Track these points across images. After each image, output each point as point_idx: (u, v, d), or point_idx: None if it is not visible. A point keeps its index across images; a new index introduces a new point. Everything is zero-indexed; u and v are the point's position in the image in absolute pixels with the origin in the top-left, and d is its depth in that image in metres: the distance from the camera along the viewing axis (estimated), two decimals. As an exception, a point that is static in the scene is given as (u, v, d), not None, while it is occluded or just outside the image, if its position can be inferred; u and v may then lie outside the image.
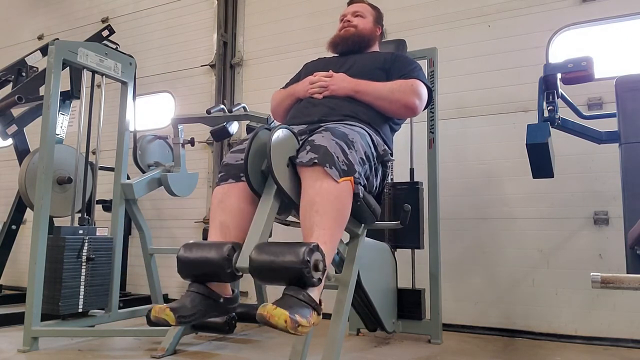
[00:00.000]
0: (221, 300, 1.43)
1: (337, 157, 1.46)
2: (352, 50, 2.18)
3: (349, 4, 2.33)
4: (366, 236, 1.99)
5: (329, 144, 1.48)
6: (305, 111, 1.92)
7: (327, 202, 1.42)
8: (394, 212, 2.68)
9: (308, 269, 1.22)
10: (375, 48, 2.27)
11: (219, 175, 1.64)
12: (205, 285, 1.41)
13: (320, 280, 1.28)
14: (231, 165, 1.62)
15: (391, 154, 1.95)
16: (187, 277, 1.42)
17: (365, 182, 1.66)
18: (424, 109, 2.03)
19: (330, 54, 2.29)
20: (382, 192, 1.98)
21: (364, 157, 1.62)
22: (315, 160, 1.44)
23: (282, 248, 1.27)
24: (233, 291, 1.52)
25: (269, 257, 1.27)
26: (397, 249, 2.72)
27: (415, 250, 2.77)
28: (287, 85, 2.20)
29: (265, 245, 1.33)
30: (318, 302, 1.30)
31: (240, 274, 1.37)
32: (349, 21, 2.22)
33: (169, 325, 1.30)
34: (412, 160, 2.84)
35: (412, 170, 2.81)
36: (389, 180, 2.77)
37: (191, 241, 1.44)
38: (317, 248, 1.27)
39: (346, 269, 1.88)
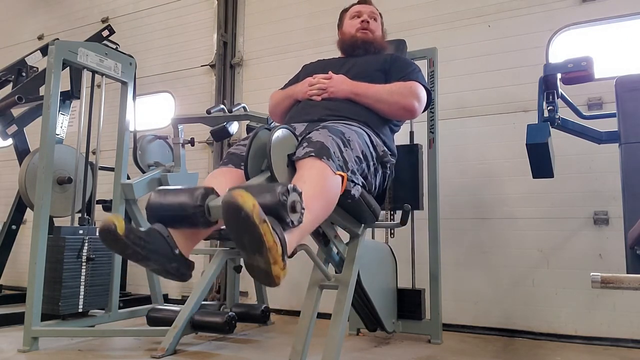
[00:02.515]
0: (177, 251, 1.27)
1: (334, 152, 1.46)
2: (361, 54, 2.18)
3: (361, 2, 2.31)
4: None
5: (325, 140, 1.48)
6: (304, 112, 1.92)
7: (316, 177, 1.39)
8: (396, 177, 2.65)
9: (285, 208, 1.15)
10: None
11: (222, 161, 1.66)
12: (168, 230, 1.28)
13: (295, 223, 1.19)
14: (235, 154, 1.63)
15: (393, 155, 1.95)
16: (155, 220, 1.30)
17: (364, 182, 1.66)
18: (423, 111, 2.03)
19: (329, 55, 2.29)
20: (385, 193, 1.98)
21: (361, 156, 1.62)
22: (312, 154, 1.43)
23: (258, 187, 1.21)
24: (191, 262, 1.36)
25: None
26: (396, 211, 2.67)
27: (415, 250, 2.77)
28: (285, 86, 2.20)
29: (243, 185, 1.27)
30: (290, 249, 1.20)
31: (213, 218, 1.27)
32: (367, 22, 2.21)
33: (114, 233, 1.15)
34: (412, 125, 2.81)
35: (411, 133, 2.80)
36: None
37: (163, 187, 1.35)
38: (294, 189, 1.19)
39: (346, 269, 1.88)
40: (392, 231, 2.76)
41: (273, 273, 1.10)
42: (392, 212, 2.70)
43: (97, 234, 1.21)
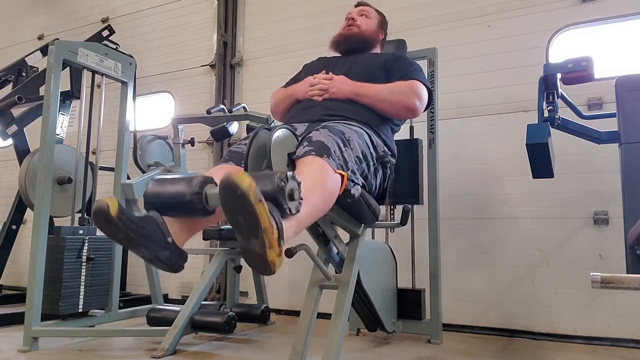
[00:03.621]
0: (169, 239, 1.24)
1: (334, 151, 1.46)
2: (354, 49, 2.18)
3: (357, 5, 2.33)
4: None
5: (325, 139, 1.48)
6: (304, 112, 1.92)
7: (316, 172, 1.39)
8: (395, 170, 2.64)
9: (282, 195, 1.15)
10: (377, 50, 2.27)
11: (223, 159, 1.66)
12: (163, 218, 1.26)
13: (293, 211, 1.18)
14: (236, 152, 1.63)
15: (393, 155, 1.95)
16: (151, 206, 1.28)
17: (364, 182, 1.66)
18: (424, 110, 2.03)
19: (331, 54, 2.29)
20: (385, 193, 1.98)
21: (360, 156, 1.61)
22: (312, 152, 1.43)
23: (257, 174, 1.19)
24: (183, 253, 1.32)
25: None
26: (397, 206, 2.67)
27: (415, 250, 2.77)
28: (287, 85, 2.20)
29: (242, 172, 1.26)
30: (285, 236, 1.16)
31: (211, 207, 1.24)
32: (353, 19, 2.23)
33: (106, 214, 1.14)
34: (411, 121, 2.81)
35: (411, 128, 2.79)
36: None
37: (161, 176, 1.34)
38: (293, 177, 1.19)
39: (346, 269, 1.88)
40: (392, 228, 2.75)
41: (268, 258, 1.09)
42: (392, 207, 2.70)
43: (91, 214, 1.19)
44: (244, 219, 1.06)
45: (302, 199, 1.22)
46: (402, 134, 2.72)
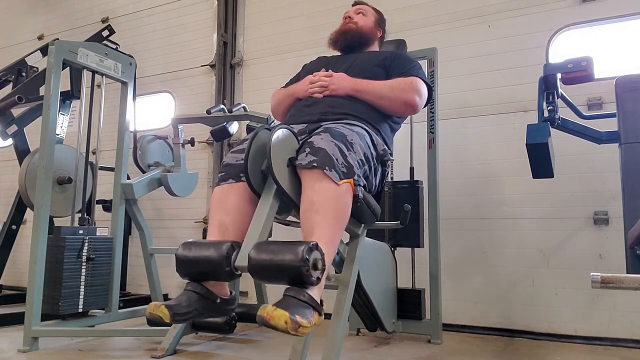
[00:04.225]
0: (218, 300, 1.42)
1: (337, 160, 1.46)
2: (351, 46, 2.19)
3: (353, 5, 2.34)
4: (366, 236, 1.99)
5: (328, 146, 1.48)
6: (305, 110, 1.92)
7: (327, 202, 1.42)
8: (394, 211, 2.68)
9: (307, 268, 1.22)
10: (375, 48, 2.27)
11: (219, 175, 1.64)
12: (203, 285, 1.40)
13: (319, 279, 1.27)
14: (231, 165, 1.62)
15: (391, 154, 1.95)
16: (185, 276, 1.41)
17: (365, 182, 1.66)
18: (424, 106, 2.04)
19: (330, 54, 2.29)
20: (382, 191, 1.98)
21: (363, 159, 1.62)
22: (315, 164, 1.43)
23: (281, 247, 1.27)
24: (231, 292, 1.52)
25: (267, 256, 1.26)
26: (397, 248, 2.72)
27: (415, 250, 2.77)
28: (287, 85, 2.20)
29: (265, 244, 1.32)
30: (319, 302, 1.29)
31: (239, 273, 1.36)
32: (350, 17, 2.24)
33: (164, 322, 1.30)
34: (412, 160, 2.84)
35: (412, 169, 2.81)
36: (389, 179, 2.78)
37: (190, 240, 1.44)
38: (316, 247, 1.26)
39: (346, 269, 1.88)
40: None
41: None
42: (393, 249, 2.70)
43: (148, 322, 1.38)
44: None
45: (324, 267, 1.30)
46: (403, 174, 2.75)
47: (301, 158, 1.47)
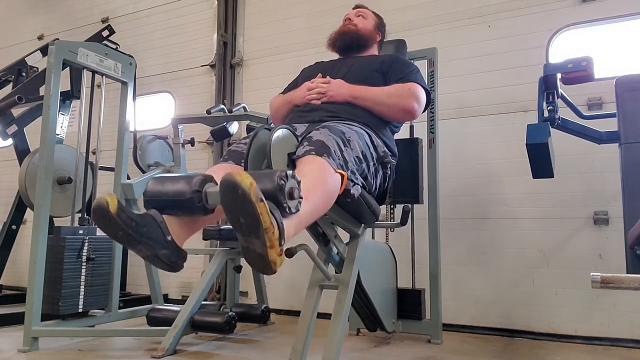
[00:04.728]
0: (168, 238, 1.24)
1: (334, 151, 1.47)
2: (350, 47, 2.18)
3: (354, 8, 2.35)
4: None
5: (325, 139, 1.48)
6: (304, 115, 1.92)
7: (317, 173, 1.39)
8: (396, 171, 2.64)
9: (282, 194, 1.15)
10: (374, 51, 2.27)
11: (221, 158, 1.66)
12: (162, 216, 1.26)
13: (293, 209, 1.19)
14: (236, 151, 1.63)
15: (393, 155, 1.95)
16: (152, 206, 1.27)
17: (364, 182, 1.66)
18: (423, 111, 2.03)
19: (328, 58, 2.29)
20: (386, 194, 1.98)
21: (360, 156, 1.62)
22: (312, 152, 1.43)
23: (257, 173, 1.20)
24: (184, 252, 1.31)
25: None
26: (397, 205, 2.68)
27: (415, 250, 2.77)
28: (285, 90, 2.20)
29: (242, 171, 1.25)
30: (288, 237, 1.18)
31: (210, 206, 1.25)
32: (350, 19, 2.25)
33: (106, 210, 1.15)
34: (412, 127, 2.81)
35: (411, 127, 2.79)
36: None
37: (162, 174, 1.35)
38: (292, 175, 1.19)
39: (346, 269, 1.88)
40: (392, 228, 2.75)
41: (269, 257, 1.09)
42: (392, 207, 2.70)
43: (91, 211, 1.20)
44: (245, 218, 1.06)
45: (302, 197, 1.22)
46: (402, 133, 2.72)
47: (299, 151, 1.48)
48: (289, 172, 1.19)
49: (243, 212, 1.06)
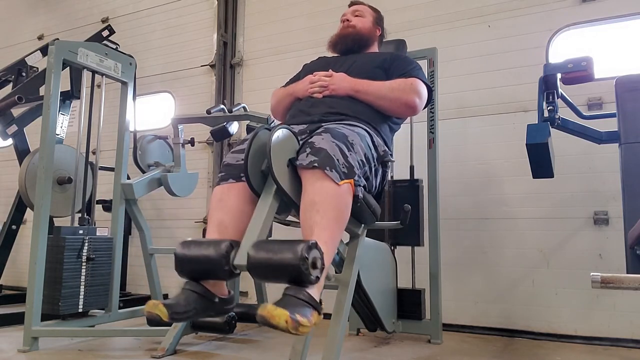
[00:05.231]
0: (216, 300, 1.42)
1: (337, 160, 1.47)
2: (351, 49, 2.19)
3: (350, 5, 2.34)
4: (366, 236, 1.99)
5: (328, 147, 1.48)
6: (305, 110, 1.93)
7: (327, 202, 1.42)
8: (394, 210, 2.68)
9: (306, 266, 1.21)
10: (375, 48, 2.28)
11: (219, 175, 1.64)
12: (201, 284, 1.40)
13: (318, 278, 1.26)
14: (232, 165, 1.62)
15: (391, 154, 1.95)
16: (184, 275, 1.41)
17: (365, 183, 1.66)
18: (424, 107, 2.04)
19: (330, 55, 2.29)
20: (382, 192, 1.99)
21: (364, 159, 1.62)
22: (315, 164, 1.44)
23: (280, 245, 1.26)
24: (229, 292, 1.52)
25: (266, 255, 1.26)
26: (398, 247, 2.72)
27: (415, 250, 2.77)
28: (287, 84, 2.21)
29: (264, 243, 1.32)
30: (318, 301, 1.29)
31: (238, 271, 1.36)
32: (348, 20, 2.24)
33: (162, 321, 1.29)
34: (412, 158, 2.84)
35: (412, 168, 2.81)
36: (389, 178, 2.78)
37: (189, 238, 1.44)
38: (315, 245, 1.26)
39: (346, 269, 1.88)
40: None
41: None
42: (393, 248, 2.71)
43: (147, 323, 1.42)
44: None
45: (324, 265, 1.29)
46: (403, 172, 2.75)
47: (302, 158, 1.47)
48: (312, 242, 1.25)
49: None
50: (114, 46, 3.35)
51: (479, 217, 3.03)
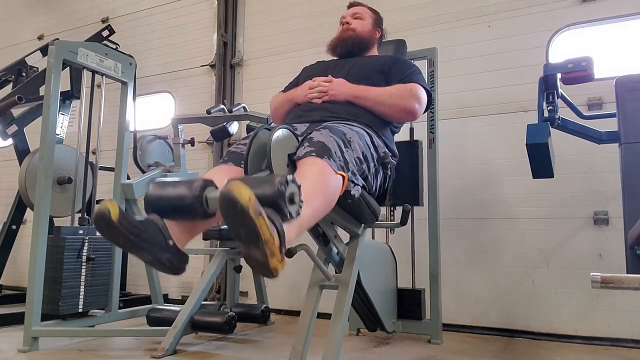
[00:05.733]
0: (170, 243, 1.26)
1: (335, 152, 1.47)
2: (351, 52, 2.18)
3: (349, 7, 2.33)
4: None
5: (326, 140, 1.48)
6: (304, 115, 1.92)
7: (318, 174, 1.39)
8: (395, 170, 2.65)
9: (283, 200, 1.15)
10: (374, 51, 2.27)
11: (221, 160, 1.65)
12: (164, 221, 1.27)
13: (294, 214, 1.19)
14: (235, 152, 1.63)
15: (394, 156, 1.95)
16: (152, 210, 1.29)
17: (364, 182, 1.66)
18: (424, 112, 2.03)
19: (328, 57, 2.29)
20: (386, 194, 1.98)
21: (361, 157, 1.62)
22: (313, 154, 1.43)
23: (257, 179, 1.21)
24: (187, 255, 1.35)
25: None
26: (397, 207, 2.68)
27: (415, 250, 2.77)
28: (286, 89, 2.20)
29: (240, 177, 1.26)
30: (289, 243, 1.19)
31: (211, 210, 1.25)
32: (347, 23, 2.23)
33: (108, 219, 1.15)
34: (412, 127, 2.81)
35: (412, 129, 2.79)
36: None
37: (162, 179, 1.37)
38: (293, 180, 1.19)
39: (346, 269, 1.88)
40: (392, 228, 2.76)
41: (270, 265, 1.10)
42: (392, 209, 2.70)
43: (92, 219, 1.22)
44: (245, 231, 1.07)
45: (302, 202, 1.22)
46: (402, 135, 2.72)
47: (299, 152, 1.47)
48: (289, 177, 1.18)
49: (243, 225, 1.06)
50: (114, 46, 3.35)
51: (479, 217, 3.03)
